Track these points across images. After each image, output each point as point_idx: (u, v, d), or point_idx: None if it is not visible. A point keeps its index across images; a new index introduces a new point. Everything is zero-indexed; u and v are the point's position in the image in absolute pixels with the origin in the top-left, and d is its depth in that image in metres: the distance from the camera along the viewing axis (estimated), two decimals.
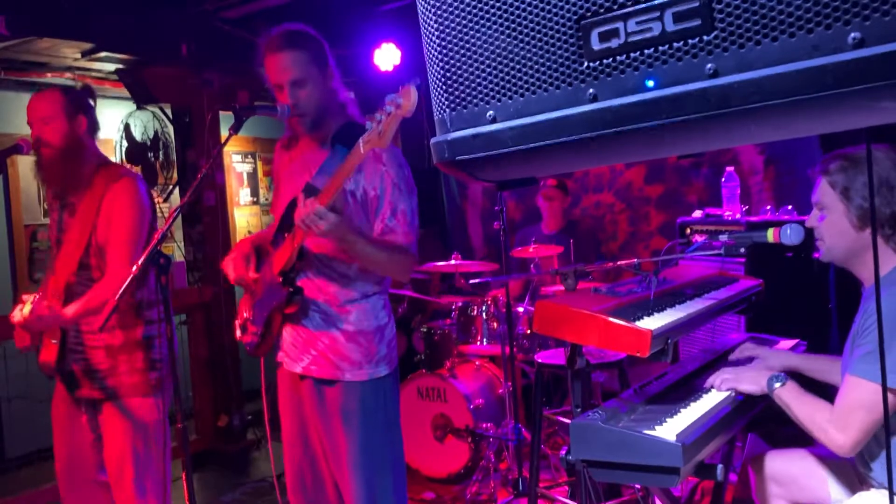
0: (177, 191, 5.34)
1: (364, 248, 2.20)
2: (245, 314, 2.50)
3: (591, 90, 0.90)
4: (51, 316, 2.47)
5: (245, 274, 2.38)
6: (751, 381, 2.06)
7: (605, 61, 0.89)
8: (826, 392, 2.03)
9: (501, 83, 0.98)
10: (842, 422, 1.85)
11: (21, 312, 2.46)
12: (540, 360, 3.41)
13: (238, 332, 2.52)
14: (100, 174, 2.65)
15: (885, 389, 1.28)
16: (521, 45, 0.95)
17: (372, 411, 2.33)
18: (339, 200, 2.17)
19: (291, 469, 2.50)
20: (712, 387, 2.13)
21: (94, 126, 2.71)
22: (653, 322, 1.94)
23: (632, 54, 0.87)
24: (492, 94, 0.99)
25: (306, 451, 2.46)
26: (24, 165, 5.01)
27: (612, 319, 1.91)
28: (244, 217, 6.75)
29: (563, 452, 1.93)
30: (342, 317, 2.33)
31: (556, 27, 0.91)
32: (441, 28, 1.01)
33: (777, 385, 1.99)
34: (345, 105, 2.38)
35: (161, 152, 5.32)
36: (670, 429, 1.79)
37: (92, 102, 2.74)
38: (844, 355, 2.05)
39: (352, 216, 2.26)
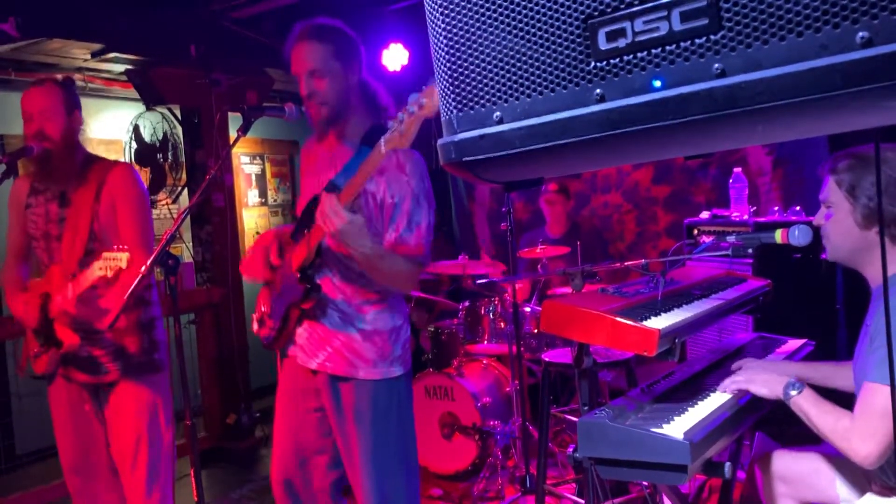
0: (185, 192, 5.36)
1: (374, 258, 2.16)
2: (263, 308, 2.50)
3: (598, 90, 0.90)
4: (93, 306, 2.55)
5: (261, 266, 2.40)
6: (764, 384, 2.02)
7: (612, 61, 0.89)
8: (832, 398, 2.01)
9: (508, 84, 0.98)
10: (865, 431, 1.79)
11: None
12: (547, 359, 3.41)
13: (255, 326, 2.53)
14: (92, 165, 2.70)
15: (894, 393, 1.28)
16: (529, 45, 0.95)
17: (384, 411, 2.32)
18: (358, 202, 2.16)
19: (279, 467, 2.46)
20: (723, 391, 2.10)
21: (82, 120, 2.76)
22: (660, 322, 1.94)
23: (639, 54, 0.87)
24: (499, 94, 0.99)
25: (297, 447, 2.44)
26: None
27: (619, 319, 1.91)
28: (252, 218, 6.76)
29: (571, 450, 1.93)
30: (360, 316, 2.33)
31: (563, 27, 0.91)
32: (448, 28, 1.01)
33: (794, 392, 1.94)
34: (378, 107, 2.36)
35: (170, 153, 5.34)
36: (678, 427, 1.79)
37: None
38: (856, 359, 2.02)
39: (371, 218, 2.25)
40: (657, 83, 0.85)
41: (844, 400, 2.01)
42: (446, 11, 1.01)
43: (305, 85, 2.27)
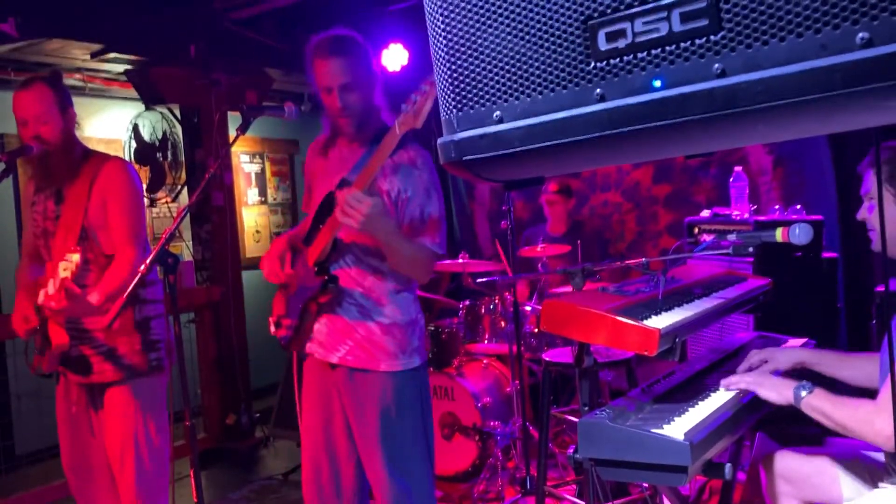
0: (185, 191, 5.36)
1: (397, 241, 2.24)
2: (279, 311, 2.52)
3: (598, 90, 0.90)
4: (80, 301, 2.49)
5: (279, 271, 2.42)
6: (772, 388, 2.00)
7: (612, 61, 0.89)
8: (835, 388, 2.01)
9: (508, 83, 0.98)
10: (890, 411, 1.76)
11: (51, 288, 2.42)
12: (547, 359, 3.41)
13: (272, 328, 2.54)
14: (87, 161, 2.69)
15: (894, 384, 1.27)
16: (528, 45, 0.95)
17: (409, 401, 2.37)
18: (373, 191, 2.21)
19: (308, 462, 2.50)
20: (728, 388, 2.09)
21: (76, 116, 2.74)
22: (661, 321, 1.94)
23: (639, 54, 0.86)
24: (498, 94, 0.99)
25: (327, 445, 2.46)
26: None
27: (620, 318, 1.91)
28: (252, 217, 6.76)
29: (571, 451, 1.93)
30: (378, 309, 2.37)
31: (563, 27, 0.91)
32: (448, 28, 1.01)
33: (804, 393, 1.93)
34: (380, 109, 2.42)
35: (170, 152, 5.34)
36: (678, 427, 1.79)
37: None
38: (884, 349, 2.01)
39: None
40: (657, 83, 0.85)
41: (848, 393, 2.00)
42: (446, 12, 1.01)
43: (339, 98, 2.30)
